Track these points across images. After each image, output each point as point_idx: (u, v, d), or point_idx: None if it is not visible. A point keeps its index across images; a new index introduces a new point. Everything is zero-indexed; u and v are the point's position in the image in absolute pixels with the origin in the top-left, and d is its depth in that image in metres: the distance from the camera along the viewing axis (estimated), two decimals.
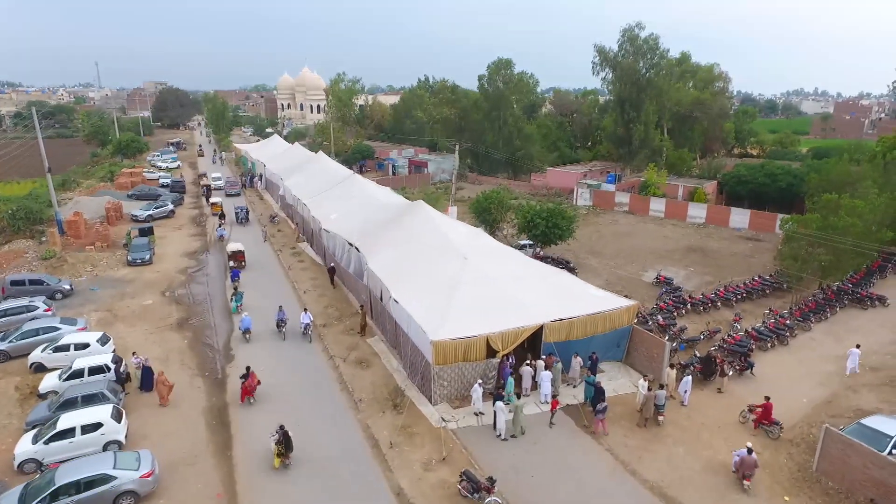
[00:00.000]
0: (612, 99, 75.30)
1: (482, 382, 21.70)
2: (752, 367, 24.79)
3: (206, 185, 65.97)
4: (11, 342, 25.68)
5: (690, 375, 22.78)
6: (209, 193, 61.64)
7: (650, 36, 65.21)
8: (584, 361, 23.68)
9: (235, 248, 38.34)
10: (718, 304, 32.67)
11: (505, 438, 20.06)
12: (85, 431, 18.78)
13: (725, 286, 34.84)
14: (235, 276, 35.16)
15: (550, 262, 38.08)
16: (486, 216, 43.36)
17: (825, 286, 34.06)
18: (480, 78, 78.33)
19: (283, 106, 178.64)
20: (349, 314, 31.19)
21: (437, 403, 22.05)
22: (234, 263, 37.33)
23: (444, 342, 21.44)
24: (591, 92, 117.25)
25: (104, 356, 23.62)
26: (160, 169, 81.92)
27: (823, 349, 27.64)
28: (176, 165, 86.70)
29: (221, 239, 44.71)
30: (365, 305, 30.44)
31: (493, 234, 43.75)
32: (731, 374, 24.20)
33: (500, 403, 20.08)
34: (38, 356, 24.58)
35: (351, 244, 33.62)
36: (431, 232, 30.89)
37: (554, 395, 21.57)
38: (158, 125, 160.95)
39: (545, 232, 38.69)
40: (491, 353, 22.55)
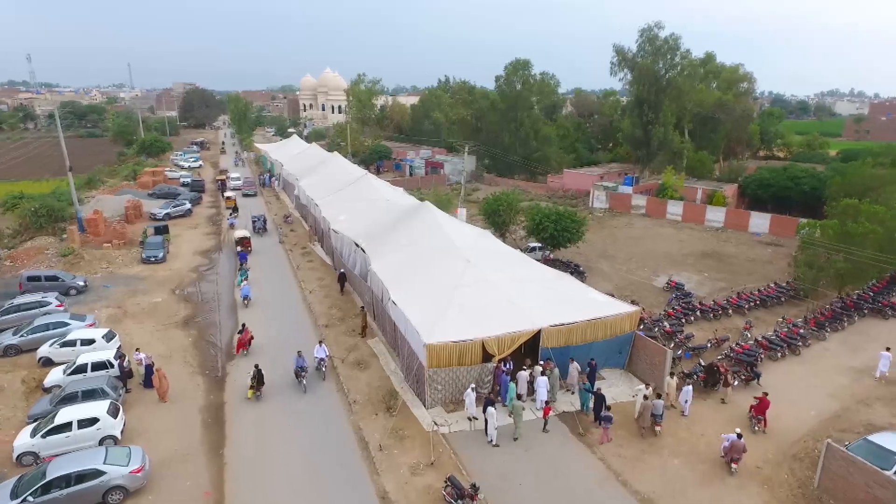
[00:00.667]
0: (630, 100, 74.10)
1: (476, 387, 21.48)
2: (758, 377, 24.03)
3: (221, 179, 70.34)
4: (23, 336, 26.39)
5: (691, 385, 22.14)
6: (224, 188, 66.64)
7: (671, 36, 63.90)
8: (581, 367, 23.23)
9: (241, 234, 42.08)
10: (730, 311, 31.79)
11: (497, 444, 19.80)
12: (81, 426, 19.15)
13: (738, 293, 33.90)
14: (243, 258, 38.97)
15: (560, 265, 37.68)
16: (495, 218, 43.01)
17: (844, 294, 32.86)
18: (497, 79, 77.93)
19: (305, 106, 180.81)
20: (352, 315, 31.26)
21: (430, 407, 21.89)
22: (240, 248, 40.66)
23: (438, 345, 21.28)
24: (612, 93, 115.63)
25: (107, 352, 24.07)
26: (182, 168, 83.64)
27: (838, 360, 26.67)
28: (198, 165, 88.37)
29: (232, 227, 48.76)
30: (368, 307, 30.48)
31: (502, 236, 43.45)
32: (735, 383, 23.47)
33: (490, 409, 19.82)
34: (45, 351, 25.19)
35: (357, 245, 33.73)
36: (436, 234, 30.80)
37: (549, 401, 21.19)
38: (185, 125, 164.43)
39: (554, 235, 38.18)
40: (487, 357, 22.31)
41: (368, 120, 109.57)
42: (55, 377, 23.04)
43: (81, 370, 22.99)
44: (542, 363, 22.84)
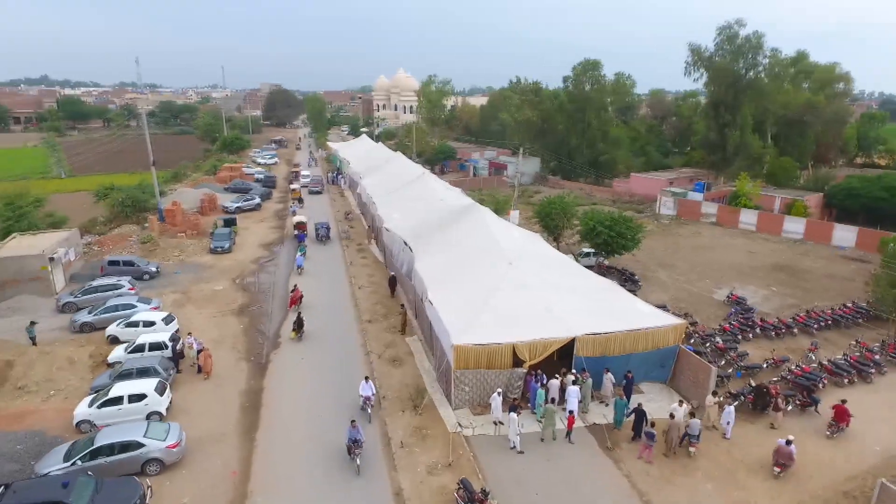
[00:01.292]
0: (706, 101, 70.22)
1: (503, 391, 21.19)
2: (817, 403, 22.04)
3: (295, 172, 76.82)
4: (96, 315, 28.99)
5: (733, 406, 20.64)
6: (293, 180, 72.69)
7: (753, 34, 59.88)
8: (617, 380, 22.31)
9: (299, 219, 47.08)
10: (795, 330, 29.43)
11: (521, 451, 19.45)
12: (131, 401, 20.75)
13: (808, 311, 31.31)
14: (301, 238, 44.70)
15: (613, 273, 36.40)
16: (548, 222, 42.16)
17: None
18: (566, 79, 76.31)
19: (378, 107, 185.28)
20: (396, 313, 31.74)
21: (457, 408, 21.85)
22: (297, 231, 45.82)
23: (466, 347, 21.19)
24: (692, 94, 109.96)
25: (164, 334, 25.94)
26: (258, 165, 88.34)
27: None
28: (273, 162, 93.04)
29: (293, 214, 53.04)
30: (410, 305, 30.84)
31: (556, 240, 42.56)
32: (789, 408, 21.71)
33: (513, 414, 19.48)
34: (113, 329, 27.50)
35: (406, 243, 34.23)
36: (483, 235, 30.67)
37: (572, 411, 20.46)
38: (268, 123, 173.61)
39: (608, 241, 36.88)
40: (518, 362, 21.96)
41: (437, 120, 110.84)
42: (117, 354, 25.11)
43: (140, 349, 24.91)
44: (573, 373, 22.16)
